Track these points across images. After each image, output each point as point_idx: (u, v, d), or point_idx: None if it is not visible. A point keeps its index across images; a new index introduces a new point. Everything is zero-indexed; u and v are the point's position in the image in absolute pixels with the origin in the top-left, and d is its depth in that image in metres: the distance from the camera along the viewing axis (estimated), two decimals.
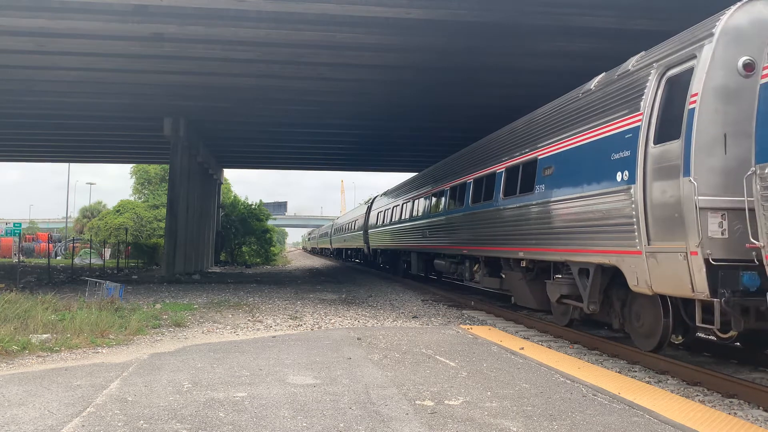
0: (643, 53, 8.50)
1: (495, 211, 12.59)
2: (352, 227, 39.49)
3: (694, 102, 6.83)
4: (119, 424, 4.71)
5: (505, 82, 19.95)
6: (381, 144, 31.09)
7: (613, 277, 8.61)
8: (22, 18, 14.86)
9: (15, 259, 36.28)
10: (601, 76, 9.52)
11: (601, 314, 9.14)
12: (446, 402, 5.47)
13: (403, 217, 22.93)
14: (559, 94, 10.88)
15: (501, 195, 12.33)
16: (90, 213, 73.59)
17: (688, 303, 7.28)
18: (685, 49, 7.33)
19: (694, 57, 7.07)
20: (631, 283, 7.77)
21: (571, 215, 9.33)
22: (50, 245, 42.62)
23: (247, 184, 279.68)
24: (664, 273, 7.13)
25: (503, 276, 12.85)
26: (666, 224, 7.12)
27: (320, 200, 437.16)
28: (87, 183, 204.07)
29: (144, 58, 17.98)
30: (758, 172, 5.84)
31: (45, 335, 8.49)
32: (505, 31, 15.44)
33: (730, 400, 6.46)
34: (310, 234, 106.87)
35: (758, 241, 5.90)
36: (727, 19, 6.92)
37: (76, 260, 34.72)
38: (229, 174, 77.62)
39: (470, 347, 8.27)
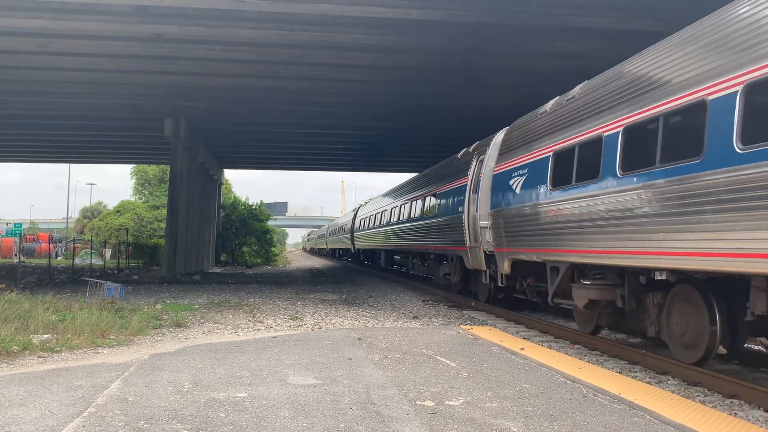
0: (470, 147, 15.61)
1: (418, 223, 20.19)
2: (343, 230, 44.84)
3: (482, 175, 13.74)
4: (120, 425, 4.71)
5: (506, 83, 19.96)
6: (381, 144, 31.11)
7: (459, 260, 15.84)
8: (22, 19, 14.88)
9: (15, 260, 36.29)
10: (462, 151, 16.34)
11: (465, 283, 16.19)
12: (447, 402, 5.47)
13: (377, 224, 28.95)
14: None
15: (420, 214, 20.12)
16: (90, 213, 73.62)
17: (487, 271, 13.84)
18: (482, 148, 14.48)
19: (485, 152, 14.02)
20: (466, 264, 14.84)
21: (443, 229, 16.59)
22: (51, 246, 42.60)
23: (246, 185, 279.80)
24: (475, 258, 14.10)
25: (426, 264, 20.52)
26: (475, 235, 13.91)
27: (321, 201, 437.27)
28: (87, 183, 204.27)
29: (144, 59, 18.01)
30: (491, 212, 12.89)
31: (46, 335, 8.50)
32: (506, 31, 15.45)
33: (731, 400, 6.46)
34: (309, 235, 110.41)
35: (494, 244, 12.71)
36: (496, 137, 13.80)
37: (77, 261, 34.71)
38: (230, 174, 77.73)
39: (471, 348, 8.27)
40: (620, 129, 8.11)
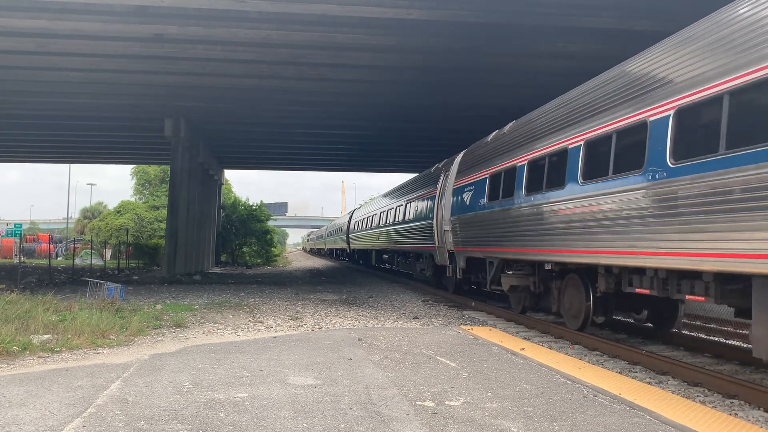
0: (440, 163, 18.86)
1: (400, 226, 23.27)
2: (340, 232, 48.37)
3: (446, 188, 16.44)
4: (120, 425, 4.71)
5: (506, 83, 19.96)
6: (381, 145, 31.11)
7: (430, 257, 18.85)
8: (23, 19, 14.89)
9: (16, 260, 36.30)
10: (434, 167, 19.67)
11: (438, 277, 18.87)
12: (447, 402, 5.47)
13: (368, 226, 31.95)
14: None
15: (402, 219, 22.96)
16: (91, 214, 73.64)
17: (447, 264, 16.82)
18: (448, 165, 17.23)
19: (447, 172, 16.86)
20: (436, 260, 17.78)
21: (419, 231, 19.68)
22: (51, 246, 42.58)
23: (247, 185, 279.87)
24: (442, 256, 17.00)
25: (408, 261, 23.41)
26: (442, 236, 16.69)
27: (321, 201, 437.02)
28: (87, 184, 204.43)
29: (145, 59, 18.01)
30: (449, 218, 15.63)
31: (46, 336, 8.50)
32: (506, 31, 15.45)
33: (731, 400, 6.46)
34: (309, 235, 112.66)
35: (454, 244, 15.38)
36: (457, 157, 16.48)
37: (77, 261, 34.73)
38: (230, 174, 77.68)
39: (471, 348, 8.27)
40: (524, 162, 11.38)
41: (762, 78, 5.91)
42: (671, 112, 7.25)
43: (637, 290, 8.28)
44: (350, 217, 42.29)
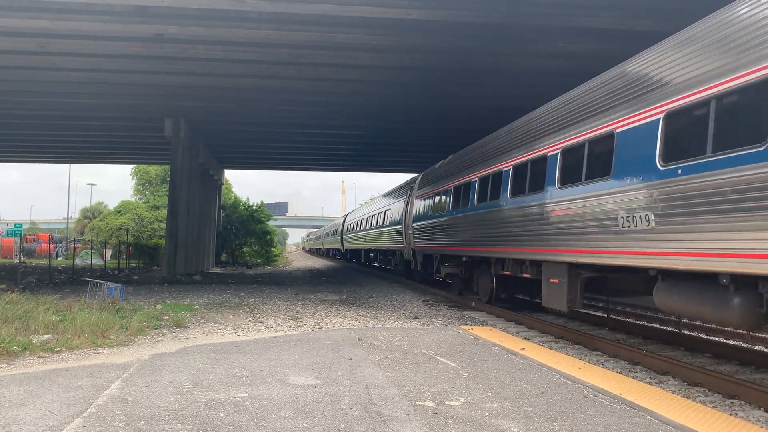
0: (410, 178, 24.53)
1: (380, 229, 28.19)
2: (335, 233, 53.91)
3: (412, 200, 21.57)
4: (120, 425, 4.71)
5: (506, 83, 19.95)
6: (381, 145, 31.10)
7: (401, 254, 23.48)
8: (23, 19, 14.87)
9: (16, 260, 36.30)
10: (405, 181, 24.80)
11: (408, 272, 23.20)
12: (447, 403, 5.47)
13: (358, 229, 37.30)
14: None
15: (382, 223, 27.95)
16: (91, 214, 73.59)
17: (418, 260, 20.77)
18: (414, 181, 22.37)
19: (413, 186, 21.87)
20: (405, 256, 22.33)
21: (393, 233, 24.48)
22: (51, 246, 42.55)
23: (246, 185, 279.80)
24: (408, 253, 21.71)
25: (387, 258, 28.09)
26: (408, 238, 21.60)
27: (321, 201, 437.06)
28: (88, 184, 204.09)
29: (145, 59, 18.00)
30: (412, 224, 20.71)
31: (46, 336, 8.50)
32: (506, 31, 15.44)
33: (731, 400, 6.47)
34: (308, 236, 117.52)
35: (415, 243, 20.35)
36: (420, 175, 21.77)
37: (77, 261, 34.73)
38: (230, 175, 77.65)
39: (471, 348, 8.27)
40: (452, 187, 16.09)
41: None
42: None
43: (524, 275, 11.84)
44: (344, 221, 48.20)
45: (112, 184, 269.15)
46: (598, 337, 10.07)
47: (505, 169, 12.29)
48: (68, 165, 59.18)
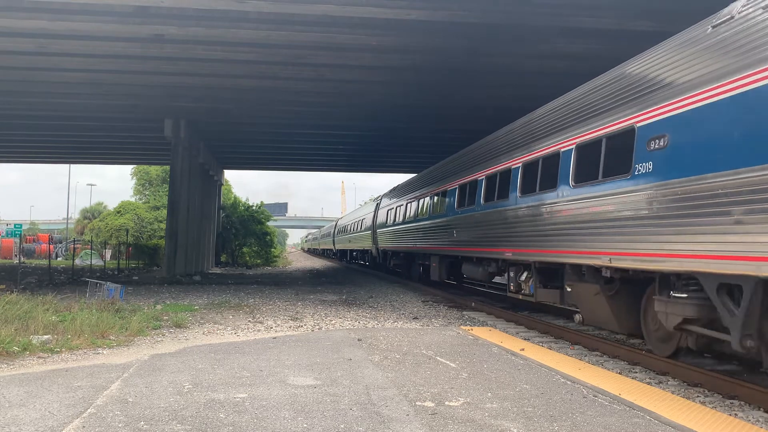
0: (380, 194, 33.74)
1: (359, 233, 35.98)
2: (329, 235, 62.06)
3: (379, 210, 29.50)
4: (120, 425, 4.71)
5: (506, 83, 19.94)
6: (381, 145, 31.09)
7: (370, 252, 33.21)
8: (22, 19, 14.86)
9: (16, 260, 36.29)
10: (377, 196, 36.14)
11: (375, 266, 33.16)
12: (447, 403, 5.47)
13: (345, 232, 44.82)
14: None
15: (360, 228, 36.12)
16: (90, 214, 73.56)
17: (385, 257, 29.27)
18: (382, 195, 31.57)
19: (379, 203, 30.51)
20: (372, 254, 32.15)
21: (366, 236, 33.25)
22: (51, 246, 42.56)
23: (247, 186, 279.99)
24: (376, 251, 30.20)
25: (363, 256, 37.73)
26: (374, 240, 30.10)
27: (321, 201, 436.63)
28: (87, 184, 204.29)
29: (145, 60, 17.99)
30: (376, 230, 29.46)
31: (46, 336, 8.50)
32: (506, 32, 15.43)
33: (731, 401, 6.46)
34: (307, 237, 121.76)
35: (380, 244, 28.83)
36: (385, 192, 30.69)
37: (77, 261, 34.69)
38: (230, 175, 77.58)
39: (471, 348, 8.27)
40: (405, 203, 23.06)
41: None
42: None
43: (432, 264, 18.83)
44: (335, 225, 57.56)
45: (112, 184, 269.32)
46: (598, 337, 10.07)
47: (420, 198, 20.54)
48: (68, 165, 59.25)
